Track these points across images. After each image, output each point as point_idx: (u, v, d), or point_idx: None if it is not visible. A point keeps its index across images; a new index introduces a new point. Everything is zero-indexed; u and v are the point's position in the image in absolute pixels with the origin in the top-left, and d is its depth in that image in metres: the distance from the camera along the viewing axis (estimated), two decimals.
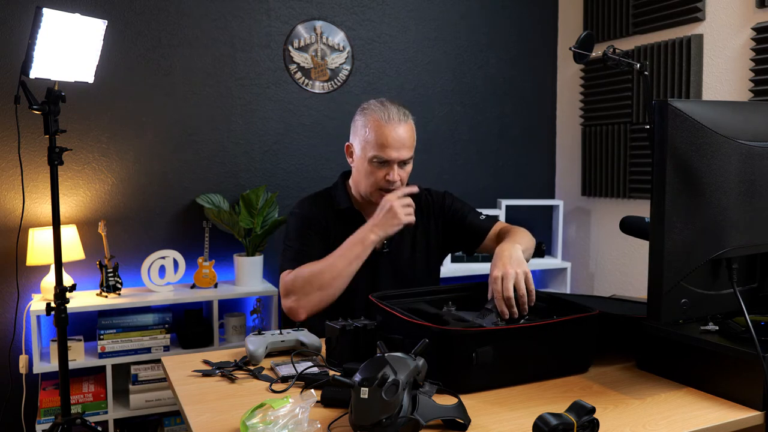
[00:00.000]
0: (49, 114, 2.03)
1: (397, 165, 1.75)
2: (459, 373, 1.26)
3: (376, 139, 1.73)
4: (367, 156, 1.75)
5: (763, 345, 1.17)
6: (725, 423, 1.14)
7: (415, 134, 1.81)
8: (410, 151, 1.78)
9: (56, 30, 1.96)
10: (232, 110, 3.01)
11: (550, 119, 3.75)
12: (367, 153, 1.75)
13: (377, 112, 1.75)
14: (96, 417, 2.52)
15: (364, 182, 1.79)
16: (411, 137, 1.78)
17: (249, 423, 1.03)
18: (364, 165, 1.77)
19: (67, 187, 2.74)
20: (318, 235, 1.82)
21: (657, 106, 1.17)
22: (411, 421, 1.03)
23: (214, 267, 2.88)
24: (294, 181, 3.13)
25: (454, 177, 3.50)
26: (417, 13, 3.36)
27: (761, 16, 2.65)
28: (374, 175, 1.76)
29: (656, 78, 3.02)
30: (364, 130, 1.76)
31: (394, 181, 1.75)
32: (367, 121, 1.75)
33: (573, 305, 1.44)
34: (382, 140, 1.72)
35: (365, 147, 1.75)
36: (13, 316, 2.61)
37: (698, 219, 1.19)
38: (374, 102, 1.80)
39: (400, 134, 1.73)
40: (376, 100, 1.81)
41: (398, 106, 1.78)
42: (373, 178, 1.76)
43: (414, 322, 1.32)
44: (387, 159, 1.73)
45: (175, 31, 2.88)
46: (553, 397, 1.25)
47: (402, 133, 1.74)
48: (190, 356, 1.51)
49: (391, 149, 1.72)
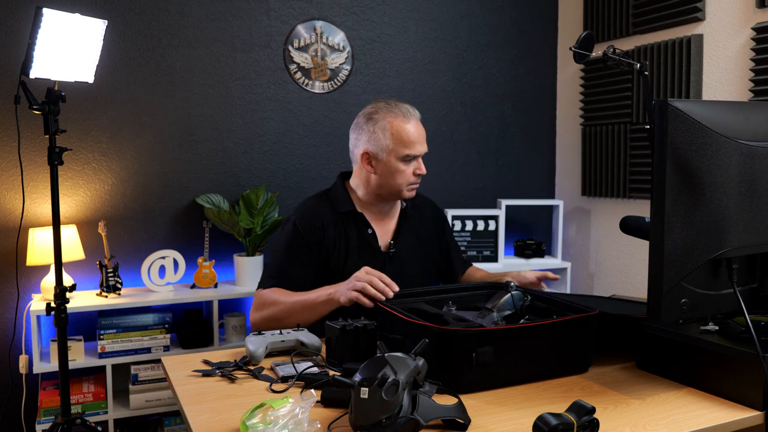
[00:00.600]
0: (49, 114, 2.03)
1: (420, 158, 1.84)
2: (459, 372, 1.26)
3: (405, 137, 1.79)
4: (398, 156, 1.79)
5: (763, 345, 1.17)
6: (725, 423, 1.14)
7: None
8: None
9: (56, 30, 1.96)
10: (232, 110, 3.01)
11: (550, 119, 3.75)
12: (398, 153, 1.79)
13: (392, 113, 1.79)
14: (96, 417, 2.52)
15: (394, 183, 1.82)
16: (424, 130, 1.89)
17: (249, 423, 1.03)
18: (393, 166, 1.80)
19: (67, 187, 2.74)
20: (309, 250, 1.82)
21: (657, 106, 1.17)
22: (411, 421, 1.03)
23: (214, 267, 2.88)
24: (294, 181, 3.13)
25: (454, 177, 3.50)
26: (417, 13, 3.36)
27: (761, 16, 2.65)
28: (405, 174, 1.82)
29: (656, 78, 3.02)
30: (386, 132, 1.78)
31: (424, 173, 1.85)
32: (386, 124, 1.78)
33: (573, 305, 1.45)
34: (411, 137, 1.79)
35: (394, 149, 1.79)
36: (13, 316, 2.61)
37: (698, 219, 1.19)
38: (381, 104, 1.82)
39: (421, 128, 1.84)
40: (381, 102, 1.82)
41: (407, 103, 1.86)
42: (404, 176, 1.82)
43: (414, 322, 1.32)
44: (417, 154, 1.81)
45: (175, 31, 2.88)
46: (553, 397, 1.25)
47: (421, 126, 1.84)
48: (190, 356, 1.51)
49: (419, 144, 1.82)
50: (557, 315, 1.41)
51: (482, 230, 3.32)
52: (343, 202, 1.86)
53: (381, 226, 1.88)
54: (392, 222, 1.90)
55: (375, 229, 1.85)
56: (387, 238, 1.88)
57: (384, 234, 1.87)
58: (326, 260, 1.81)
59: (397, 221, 1.90)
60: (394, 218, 1.91)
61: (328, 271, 1.82)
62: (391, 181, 1.81)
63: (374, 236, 1.84)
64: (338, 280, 1.77)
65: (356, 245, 1.82)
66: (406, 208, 1.93)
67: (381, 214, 1.88)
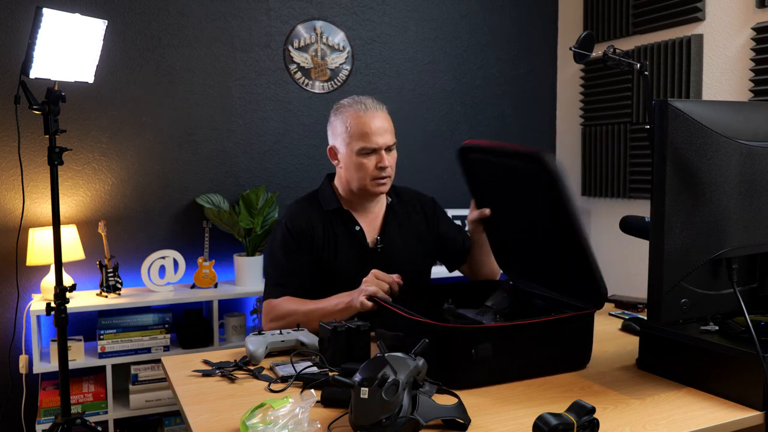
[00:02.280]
0: (49, 114, 2.03)
1: (384, 151, 1.78)
2: (458, 369, 1.26)
3: (360, 130, 1.76)
4: (354, 149, 1.77)
5: (763, 345, 1.17)
6: (725, 423, 1.14)
7: (392, 122, 1.84)
8: (393, 136, 1.82)
9: (56, 30, 1.96)
10: (232, 110, 3.01)
11: (550, 119, 3.75)
12: (353, 147, 1.77)
13: (353, 107, 1.79)
14: (96, 417, 2.52)
15: (356, 177, 1.80)
16: (390, 123, 1.82)
17: (249, 423, 1.03)
18: (352, 160, 1.78)
19: (67, 187, 2.74)
20: (304, 249, 1.82)
21: (657, 106, 1.17)
22: (411, 421, 1.03)
23: (214, 267, 2.88)
24: (294, 181, 3.13)
25: (454, 177, 3.49)
26: (417, 13, 3.36)
27: (761, 16, 2.65)
28: (365, 167, 1.78)
29: (656, 78, 3.02)
30: (344, 126, 1.78)
31: (386, 167, 1.78)
32: (345, 118, 1.79)
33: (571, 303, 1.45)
34: (365, 130, 1.76)
35: (350, 142, 1.77)
36: (13, 316, 2.61)
37: (698, 219, 1.19)
38: (346, 100, 1.84)
39: (380, 121, 1.78)
40: (347, 98, 1.84)
41: (372, 97, 1.83)
42: (364, 170, 1.78)
43: (414, 319, 1.33)
44: (374, 147, 1.76)
45: (175, 31, 2.88)
46: (553, 397, 1.25)
47: (381, 119, 1.79)
48: (190, 356, 1.51)
49: (375, 136, 1.76)
50: (555, 312, 1.41)
51: None
52: (330, 200, 1.86)
53: (368, 222, 1.88)
54: (379, 218, 1.90)
55: (362, 226, 1.85)
56: (374, 234, 1.87)
57: (371, 230, 1.87)
58: (318, 259, 1.81)
59: (383, 217, 1.90)
60: (380, 214, 1.91)
61: (320, 270, 1.82)
62: (354, 175, 1.80)
63: (362, 233, 1.84)
64: (331, 279, 1.78)
65: (345, 242, 1.83)
66: (392, 203, 1.92)
67: (366, 210, 1.88)
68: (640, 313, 1.89)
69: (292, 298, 1.77)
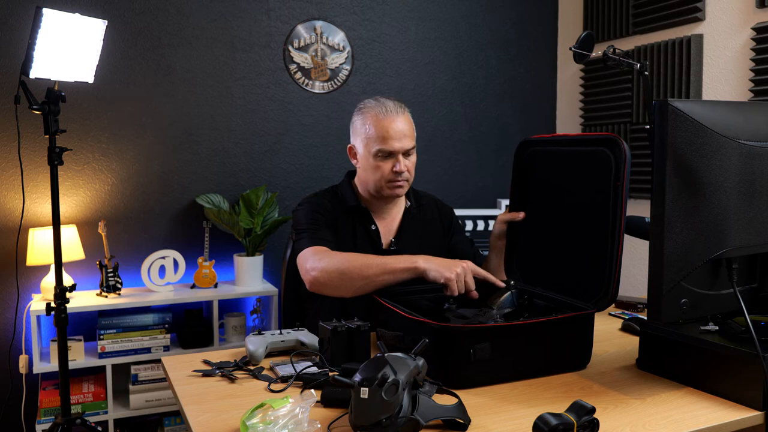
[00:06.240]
0: (49, 114, 2.03)
1: (402, 155, 1.77)
2: (458, 369, 1.26)
3: (378, 132, 1.75)
4: (371, 151, 1.77)
5: (763, 345, 1.17)
6: (725, 423, 1.14)
7: (413, 125, 1.83)
8: (412, 140, 1.80)
9: (56, 30, 1.96)
10: (232, 110, 3.01)
11: (550, 119, 3.75)
12: (371, 148, 1.77)
13: (374, 108, 1.78)
14: (96, 417, 2.52)
15: (372, 178, 1.80)
16: (411, 127, 1.81)
17: (249, 423, 1.03)
18: (369, 161, 1.78)
19: (67, 187, 2.74)
20: (328, 225, 1.81)
21: (657, 106, 1.17)
22: (411, 421, 1.03)
23: (214, 267, 2.88)
24: (294, 181, 3.13)
25: (454, 177, 3.50)
26: (417, 13, 3.36)
27: (761, 16, 2.65)
28: (381, 169, 1.77)
29: (656, 78, 3.02)
30: (365, 127, 1.78)
31: (402, 171, 1.77)
32: (366, 119, 1.78)
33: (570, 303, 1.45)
34: (383, 133, 1.75)
35: (368, 143, 1.77)
36: (13, 316, 2.61)
37: (698, 219, 1.19)
38: (370, 100, 1.83)
39: (399, 125, 1.77)
40: (371, 99, 1.83)
41: (394, 100, 1.82)
42: (380, 172, 1.78)
43: (414, 319, 1.33)
44: (391, 150, 1.76)
45: (175, 31, 2.88)
46: (553, 397, 1.25)
47: (401, 123, 1.77)
48: (190, 356, 1.51)
49: (393, 140, 1.75)
50: (555, 312, 1.41)
51: (482, 230, 3.32)
52: (350, 197, 1.87)
53: (384, 223, 1.88)
54: (396, 220, 1.91)
55: (378, 226, 1.85)
56: (390, 236, 1.88)
57: (387, 231, 1.88)
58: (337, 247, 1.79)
59: (400, 220, 1.91)
60: (397, 217, 1.91)
61: None
62: (370, 177, 1.80)
63: (377, 233, 1.84)
64: None
65: (361, 239, 1.83)
66: (410, 207, 1.93)
67: (383, 211, 1.88)
68: (640, 313, 1.89)
69: None
